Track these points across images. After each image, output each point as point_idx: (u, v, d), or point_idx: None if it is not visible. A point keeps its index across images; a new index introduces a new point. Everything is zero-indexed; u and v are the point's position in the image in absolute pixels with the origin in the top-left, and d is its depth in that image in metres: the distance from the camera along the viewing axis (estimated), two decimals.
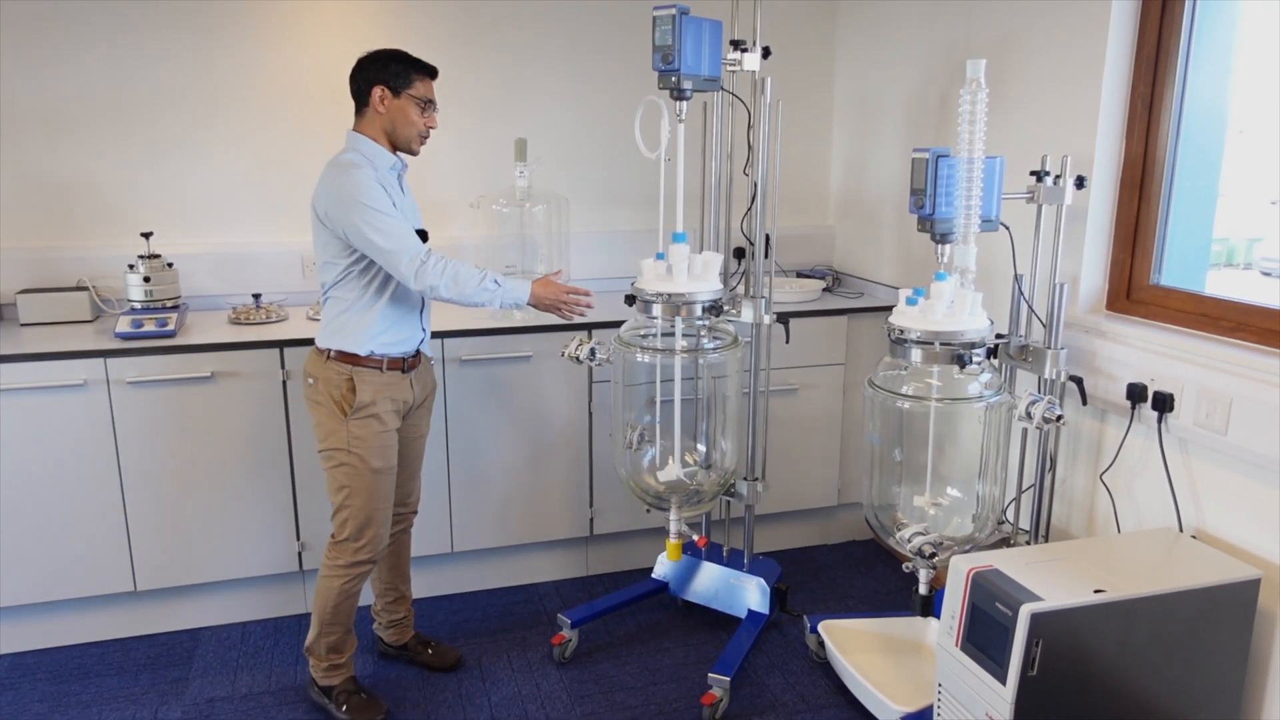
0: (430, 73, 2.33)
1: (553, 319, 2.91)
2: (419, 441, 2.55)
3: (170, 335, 2.69)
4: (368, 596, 2.70)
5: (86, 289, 2.93)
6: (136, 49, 2.96)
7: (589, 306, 2.42)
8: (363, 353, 2.29)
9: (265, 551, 2.83)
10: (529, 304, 2.34)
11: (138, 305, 2.84)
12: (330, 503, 2.36)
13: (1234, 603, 1.93)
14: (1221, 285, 2.30)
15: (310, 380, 2.33)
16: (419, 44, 3.18)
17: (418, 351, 2.42)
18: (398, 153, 2.35)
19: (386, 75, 2.26)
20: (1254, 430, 1.95)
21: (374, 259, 2.22)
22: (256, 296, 3.03)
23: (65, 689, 2.58)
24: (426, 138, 2.36)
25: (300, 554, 2.86)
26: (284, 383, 2.73)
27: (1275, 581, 1.96)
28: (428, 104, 2.33)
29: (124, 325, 2.69)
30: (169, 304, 2.87)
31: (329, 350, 2.30)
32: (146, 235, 2.94)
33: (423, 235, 2.32)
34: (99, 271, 3.02)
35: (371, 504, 2.33)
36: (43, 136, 2.94)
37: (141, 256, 2.88)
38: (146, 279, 2.84)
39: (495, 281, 2.27)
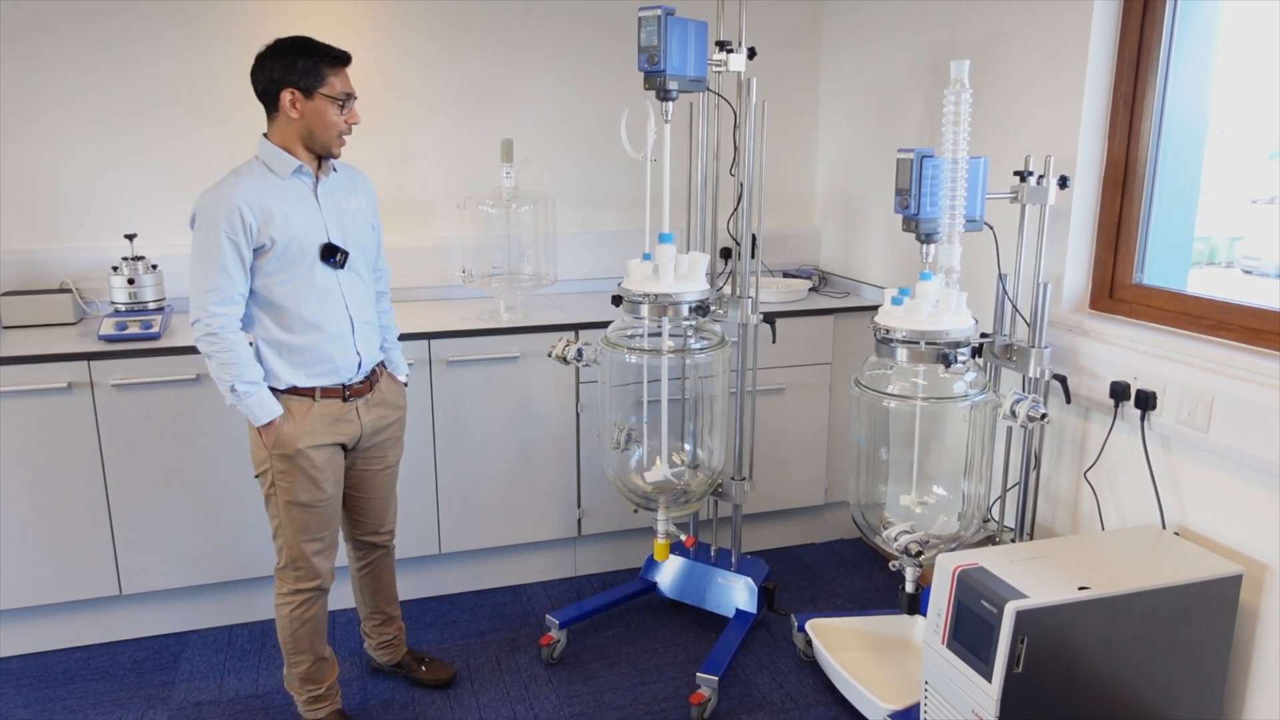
0: (344, 60, 2.07)
1: (542, 320, 2.93)
2: (385, 473, 2.37)
3: (155, 337, 2.67)
4: (349, 606, 2.70)
5: (70, 291, 2.91)
6: (122, 51, 2.94)
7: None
8: (281, 387, 2.11)
9: (252, 554, 2.82)
10: (260, 427, 2.10)
11: (121, 307, 2.82)
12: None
13: (1216, 599, 1.94)
14: (1203, 284, 2.32)
15: None
16: (405, 44, 3.18)
17: (366, 378, 2.23)
18: (324, 157, 2.13)
19: (295, 76, 2.01)
20: (1235, 428, 1.96)
21: None
22: None
23: (50, 694, 2.57)
24: (348, 135, 2.11)
25: None
26: None
27: (1257, 578, 1.98)
28: (347, 99, 2.06)
29: (108, 328, 2.67)
30: (153, 306, 2.85)
31: None
32: (130, 237, 2.92)
33: (330, 250, 2.10)
34: (82, 274, 3.00)
35: (302, 536, 2.19)
36: (26, 138, 2.92)
37: (125, 258, 2.86)
38: (130, 281, 2.83)
39: (233, 390, 2.02)
